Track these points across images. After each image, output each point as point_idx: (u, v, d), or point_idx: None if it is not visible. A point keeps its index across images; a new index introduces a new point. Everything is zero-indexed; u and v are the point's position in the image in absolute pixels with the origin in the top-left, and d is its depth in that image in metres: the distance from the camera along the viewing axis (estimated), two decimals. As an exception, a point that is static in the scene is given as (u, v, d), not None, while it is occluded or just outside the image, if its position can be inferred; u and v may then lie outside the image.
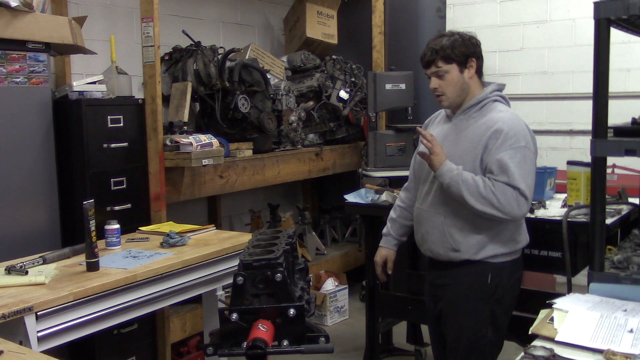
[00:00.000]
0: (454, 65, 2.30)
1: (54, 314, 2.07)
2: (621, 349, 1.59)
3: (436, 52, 2.30)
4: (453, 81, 2.30)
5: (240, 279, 1.84)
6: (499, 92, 2.38)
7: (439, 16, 4.67)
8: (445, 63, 2.29)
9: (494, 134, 2.23)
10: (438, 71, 2.31)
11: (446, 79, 2.31)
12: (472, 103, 2.33)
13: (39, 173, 3.01)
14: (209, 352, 1.87)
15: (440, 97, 2.35)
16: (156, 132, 3.35)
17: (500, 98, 2.37)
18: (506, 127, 2.23)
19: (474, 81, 2.35)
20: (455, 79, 2.30)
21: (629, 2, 1.92)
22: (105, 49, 3.62)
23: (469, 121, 2.33)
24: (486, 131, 2.25)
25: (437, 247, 2.36)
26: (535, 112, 5.32)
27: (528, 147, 2.25)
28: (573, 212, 2.77)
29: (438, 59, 2.29)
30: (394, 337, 3.84)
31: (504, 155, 2.21)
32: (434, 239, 2.36)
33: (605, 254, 2.20)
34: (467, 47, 2.31)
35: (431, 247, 2.39)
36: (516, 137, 2.23)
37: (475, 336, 2.34)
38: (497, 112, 2.31)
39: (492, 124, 2.26)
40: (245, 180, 3.92)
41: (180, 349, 3.65)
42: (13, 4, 2.77)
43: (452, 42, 2.29)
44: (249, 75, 3.95)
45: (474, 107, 2.33)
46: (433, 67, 2.32)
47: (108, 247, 2.67)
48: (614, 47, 2.09)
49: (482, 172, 2.26)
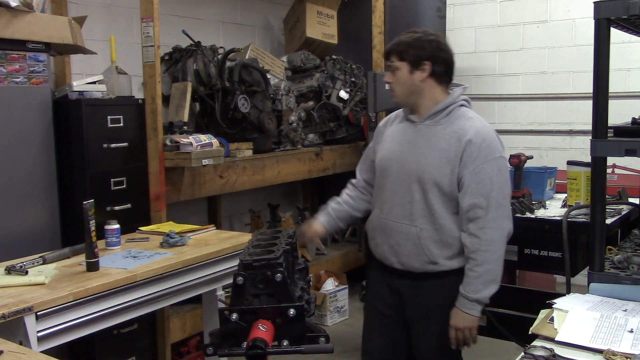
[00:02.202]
0: (404, 64, 2.23)
1: (54, 314, 2.06)
2: (621, 349, 1.60)
3: (394, 46, 2.26)
4: (401, 79, 2.24)
5: (240, 279, 1.84)
6: (463, 96, 2.31)
7: (439, 16, 4.67)
8: (398, 59, 2.24)
9: (467, 145, 2.17)
10: (390, 66, 2.26)
11: (397, 75, 2.25)
12: (439, 109, 2.24)
13: (39, 173, 3.01)
14: (209, 352, 1.86)
15: (391, 92, 2.31)
16: (156, 132, 3.35)
17: (465, 102, 2.31)
18: (480, 138, 2.17)
19: (429, 85, 2.24)
20: (403, 77, 2.24)
21: (629, 2, 1.92)
22: (105, 49, 3.62)
23: (436, 128, 2.24)
24: (459, 142, 2.17)
25: (411, 260, 2.26)
26: (535, 112, 5.33)
27: (502, 155, 2.23)
28: (573, 212, 2.77)
29: (393, 53, 2.25)
30: (394, 337, 3.84)
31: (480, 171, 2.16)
32: (407, 251, 2.26)
33: (605, 254, 2.20)
34: (424, 49, 2.21)
35: (404, 260, 2.28)
36: (490, 149, 2.18)
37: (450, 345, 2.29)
38: (467, 119, 2.23)
39: (464, 134, 2.18)
40: (245, 180, 3.92)
41: (180, 349, 3.65)
42: (13, 4, 2.77)
43: (411, 41, 2.23)
44: (249, 75, 3.95)
45: (440, 113, 2.25)
46: (388, 60, 2.28)
47: (108, 247, 2.67)
48: (614, 47, 2.09)
49: (457, 182, 2.19)
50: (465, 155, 2.17)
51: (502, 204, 2.19)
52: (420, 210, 2.23)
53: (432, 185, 2.20)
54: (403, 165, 2.27)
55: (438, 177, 2.19)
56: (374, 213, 2.41)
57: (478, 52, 5.54)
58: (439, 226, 2.21)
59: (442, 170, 2.19)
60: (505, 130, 5.44)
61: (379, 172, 2.39)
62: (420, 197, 2.22)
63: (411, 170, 2.24)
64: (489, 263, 2.16)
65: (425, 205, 2.22)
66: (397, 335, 2.39)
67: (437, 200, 2.21)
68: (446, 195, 2.21)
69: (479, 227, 2.16)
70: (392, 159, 2.31)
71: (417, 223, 2.23)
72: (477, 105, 5.82)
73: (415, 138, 2.28)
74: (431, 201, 2.21)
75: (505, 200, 2.21)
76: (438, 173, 2.19)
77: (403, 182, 2.26)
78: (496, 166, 2.18)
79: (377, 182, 2.40)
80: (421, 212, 2.22)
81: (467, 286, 2.19)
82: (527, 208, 2.98)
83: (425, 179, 2.21)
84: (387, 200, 2.32)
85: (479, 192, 2.15)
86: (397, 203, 2.28)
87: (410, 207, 2.24)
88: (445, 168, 2.19)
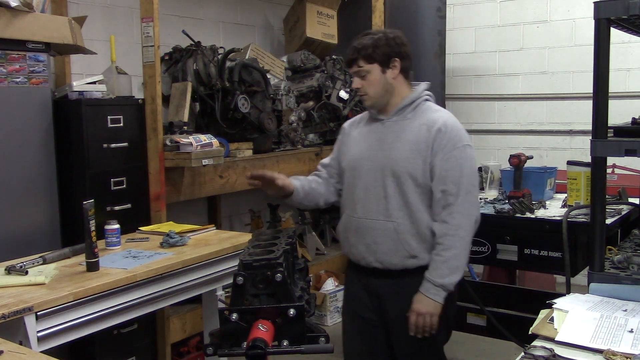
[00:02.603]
0: (375, 65, 2.24)
1: (54, 314, 2.06)
2: (621, 349, 1.59)
3: (358, 52, 2.24)
4: (375, 81, 2.25)
5: (240, 279, 1.84)
6: (427, 92, 2.34)
7: (439, 16, 4.67)
8: (367, 63, 2.24)
9: (437, 134, 2.21)
10: (360, 71, 2.26)
11: (368, 79, 2.25)
12: (406, 103, 2.28)
13: (39, 173, 3.01)
14: (209, 352, 1.87)
15: (363, 96, 2.30)
16: (156, 132, 3.35)
17: (429, 97, 2.35)
18: (448, 127, 2.22)
19: (399, 81, 2.28)
20: (377, 79, 2.24)
21: (629, 2, 1.92)
22: (105, 49, 3.62)
23: (404, 122, 2.27)
24: (429, 132, 2.22)
25: (390, 257, 2.25)
26: (535, 112, 5.33)
27: (469, 144, 2.26)
28: (573, 212, 2.77)
29: (359, 58, 2.24)
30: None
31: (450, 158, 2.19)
32: (385, 248, 2.24)
33: (605, 254, 2.20)
34: (390, 47, 2.24)
35: (382, 258, 2.26)
36: (459, 137, 2.23)
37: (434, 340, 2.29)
38: (433, 111, 2.28)
39: (432, 124, 2.22)
40: (245, 180, 3.91)
41: (180, 349, 3.65)
42: (13, 4, 2.77)
43: (374, 42, 2.24)
44: (249, 75, 3.94)
45: (407, 108, 2.28)
46: (355, 67, 2.26)
47: (108, 247, 2.67)
48: (614, 47, 2.09)
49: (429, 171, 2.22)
50: (435, 144, 2.21)
51: (471, 191, 2.23)
52: (396, 205, 2.23)
53: (407, 178, 2.22)
54: (374, 161, 2.28)
55: (411, 169, 2.22)
56: (345, 215, 2.39)
57: (478, 52, 5.54)
58: (415, 219, 2.23)
59: (415, 162, 2.22)
60: (505, 130, 5.44)
61: (348, 172, 2.37)
62: (395, 191, 2.23)
63: (384, 165, 2.25)
64: (455, 248, 2.18)
65: (400, 199, 2.23)
66: (378, 338, 2.37)
67: (413, 193, 2.22)
68: (420, 187, 2.23)
69: (449, 212, 2.19)
70: (363, 157, 2.32)
71: (394, 218, 2.23)
72: (477, 105, 5.87)
73: (384, 135, 2.30)
74: (406, 194, 2.22)
75: (473, 187, 2.25)
76: (411, 165, 2.22)
77: (376, 178, 2.27)
78: (464, 153, 2.22)
79: (347, 184, 2.38)
80: (397, 206, 2.23)
81: (434, 271, 2.19)
82: (527, 208, 2.98)
83: (399, 172, 2.23)
84: (359, 199, 2.31)
85: (449, 179, 2.19)
86: (371, 200, 2.27)
87: (386, 202, 2.24)
88: (418, 159, 2.22)
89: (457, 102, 5.58)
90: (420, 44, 4.53)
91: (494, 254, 2.97)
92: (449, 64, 5.19)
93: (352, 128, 2.45)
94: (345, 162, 2.39)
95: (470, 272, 5.04)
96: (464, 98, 5.60)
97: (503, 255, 2.96)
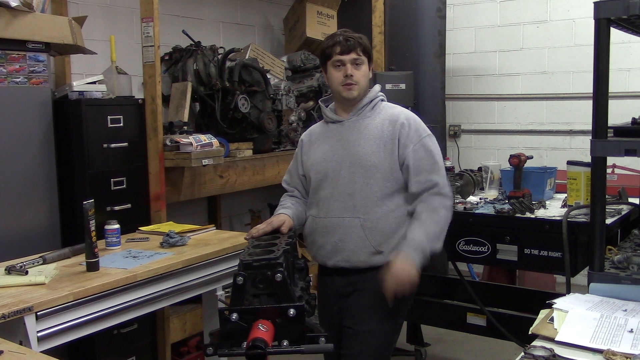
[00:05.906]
0: (366, 59, 2.31)
1: (54, 314, 2.07)
2: (621, 349, 1.59)
3: (358, 41, 2.30)
4: (365, 73, 2.31)
5: (240, 279, 1.84)
6: (381, 92, 2.42)
7: (439, 16, 4.67)
8: (363, 54, 2.30)
9: (402, 128, 2.27)
10: (357, 59, 2.29)
11: (361, 69, 2.30)
12: (366, 102, 2.34)
13: (39, 173, 3.01)
14: (209, 352, 1.86)
15: (352, 85, 2.28)
16: (156, 132, 3.35)
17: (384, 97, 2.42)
18: (410, 120, 2.30)
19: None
20: (366, 71, 2.32)
21: (629, 2, 1.92)
22: (105, 49, 3.62)
23: (365, 121, 2.32)
24: (392, 126, 2.28)
25: (356, 255, 2.24)
26: (535, 112, 5.33)
27: (430, 133, 2.34)
28: (573, 212, 2.77)
29: (358, 47, 2.29)
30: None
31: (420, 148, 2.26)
32: (351, 246, 2.24)
33: (605, 254, 2.20)
34: (369, 46, 2.36)
35: (349, 256, 2.25)
36: (422, 127, 2.32)
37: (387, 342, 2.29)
38: (392, 108, 2.37)
39: (395, 119, 2.30)
40: (245, 180, 3.92)
41: (180, 349, 3.65)
42: (13, 4, 2.77)
43: (364, 38, 2.33)
44: (249, 75, 3.95)
45: (366, 107, 2.34)
46: (354, 54, 2.28)
47: (108, 247, 2.67)
48: (614, 47, 2.09)
49: (399, 164, 2.26)
50: (402, 137, 2.27)
51: (444, 175, 2.32)
52: (362, 200, 2.25)
53: (375, 172, 2.25)
54: (339, 160, 2.30)
55: (377, 162, 2.25)
56: (310, 218, 2.38)
57: (478, 52, 5.54)
58: (381, 214, 2.24)
59: (380, 155, 2.26)
60: (505, 130, 5.44)
61: (313, 175, 2.37)
62: (362, 187, 2.25)
63: (350, 162, 2.27)
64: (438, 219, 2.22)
65: (367, 195, 2.25)
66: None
67: (379, 188, 2.25)
68: (388, 181, 2.25)
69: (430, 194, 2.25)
70: (327, 158, 2.33)
71: (360, 214, 2.24)
72: (477, 105, 5.87)
73: (345, 134, 2.33)
74: (373, 189, 2.24)
75: (445, 172, 2.34)
76: (377, 158, 2.25)
77: (342, 176, 2.28)
78: (431, 141, 2.31)
79: (312, 187, 2.38)
80: (363, 202, 2.25)
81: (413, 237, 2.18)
82: (527, 208, 2.97)
83: (365, 166, 2.25)
84: (325, 199, 2.31)
85: (423, 168, 2.25)
86: (337, 198, 2.28)
87: (352, 198, 2.26)
88: (383, 152, 2.26)
89: (457, 102, 5.58)
90: (420, 44, 4.54)
91: (494, 254, 2.97)
92: (449, 64, 5.19)
93: (310, 137, 2.47)
94: (308, 168, 2.40)
95: (470, 272, 5.04)
96: (464, 98, 5.61)
97: (503, 255, 2.96)
